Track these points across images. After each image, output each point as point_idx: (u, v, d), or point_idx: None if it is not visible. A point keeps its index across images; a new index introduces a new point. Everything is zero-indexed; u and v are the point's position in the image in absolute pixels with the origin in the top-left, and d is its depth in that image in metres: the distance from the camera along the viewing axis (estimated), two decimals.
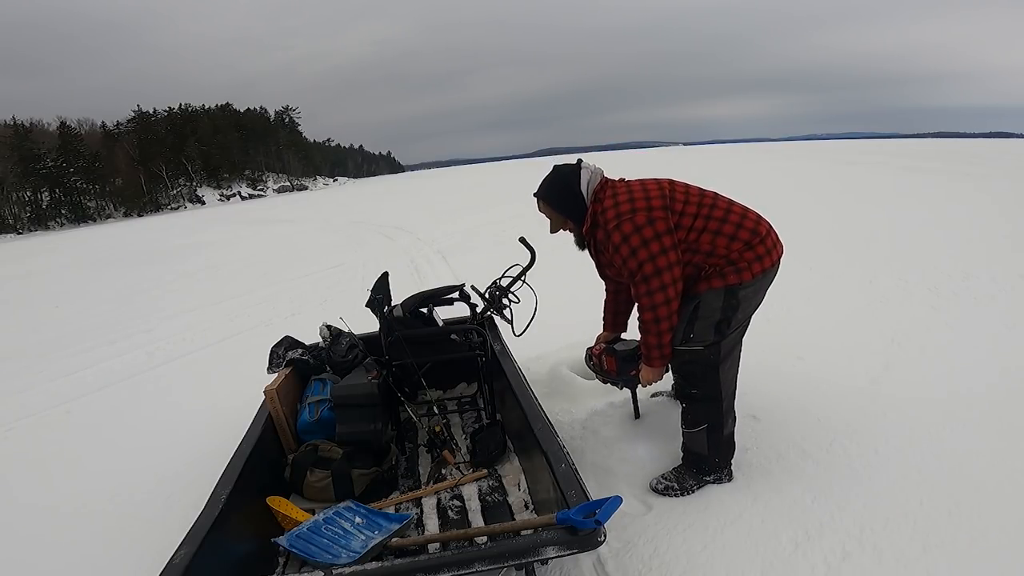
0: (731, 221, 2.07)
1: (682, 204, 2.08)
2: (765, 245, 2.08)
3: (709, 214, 2.07)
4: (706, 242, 2.06)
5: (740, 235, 2.07)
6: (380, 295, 2.79)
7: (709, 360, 2.12)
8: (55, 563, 2.38)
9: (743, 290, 2.06)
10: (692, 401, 2.20)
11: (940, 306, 3.95)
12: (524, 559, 1.50)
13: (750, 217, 2.12)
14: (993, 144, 22.51)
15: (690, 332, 2.10)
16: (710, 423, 2.17)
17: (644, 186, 2.12)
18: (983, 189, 9.20)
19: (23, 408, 4.34)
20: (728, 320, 2.08)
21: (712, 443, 2.18)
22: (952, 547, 1.81)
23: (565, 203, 2.20)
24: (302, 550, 1.88)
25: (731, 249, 2.05)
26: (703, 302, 2.07)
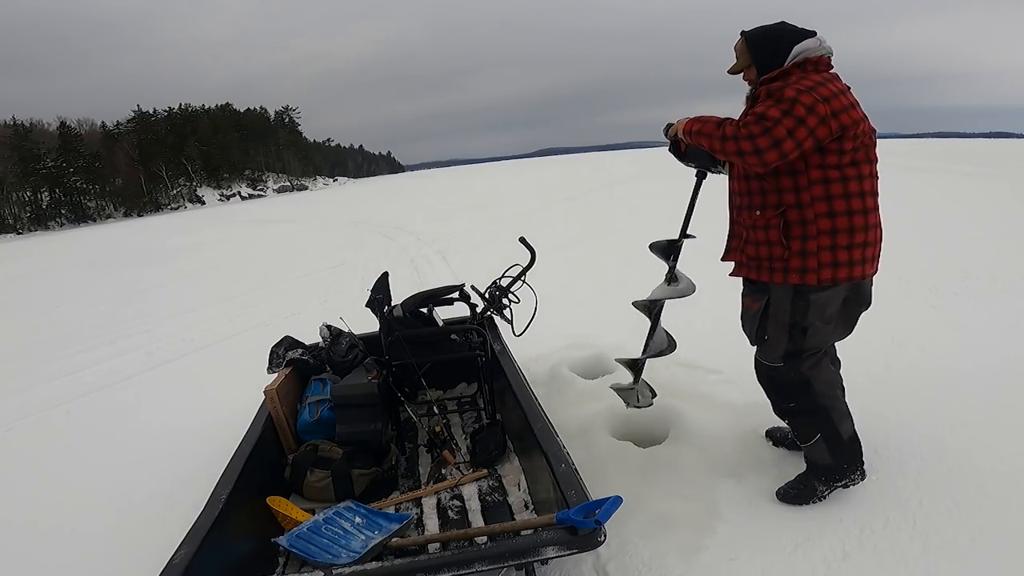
0: (850, 204, 1.79)
1: (853, 149, 1.77)
2: (851, 256, 1.81)
3: (849, 176, 1.78)
4: (814, 194, 1.78)
5: (838, 222, 1.79)
6: (380, 295, 2.79)
7: (792, 378, 1.97)
8: (55, 563, 2.38)
9: (812, 293, 1.85)
10: (794, 416, 2.05)
11: (940, 306, 3.95)
12: (524, 559, 1.50)
13: (868, 220, 1.82)
14: (993, 144, 22.51)
15: (763, 333, 1.96)
16: (823, 432, 2.00)
17: (852, 97, 1.80)
18: (983, 189, 9.20)
19: (23, 408, 4.34)
20: (802, 328, 1.89)
21: (834, 450, 2.00)
22: (952, 547, 1.81)
23: (763, 47, 1.89)
24: (302, 550, 1.88)
25: (817, 227, 1.79)
26: (772, 297, 1.92)
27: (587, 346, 3.58)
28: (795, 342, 1.93)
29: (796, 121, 1.68)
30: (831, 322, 1.93)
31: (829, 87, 1.75)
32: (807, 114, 1.68)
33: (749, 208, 1.93)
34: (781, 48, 1.86)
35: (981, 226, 6.28)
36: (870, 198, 1.85)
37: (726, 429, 2.55)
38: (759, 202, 1.90)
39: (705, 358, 3.25)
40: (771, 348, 1.98)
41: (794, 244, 1.83)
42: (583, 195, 15.27)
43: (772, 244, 1.87)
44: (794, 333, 1.91)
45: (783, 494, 2.10)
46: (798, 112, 1.68)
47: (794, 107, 1.69)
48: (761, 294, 1.95)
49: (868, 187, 1.84)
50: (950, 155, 15.26)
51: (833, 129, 1.72)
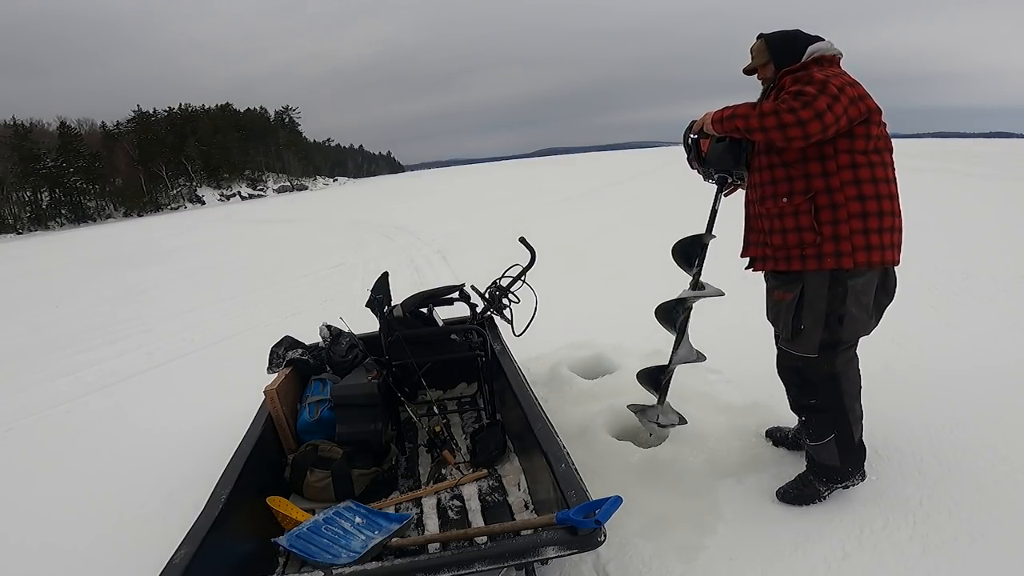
0: (878, 189, 1.83)
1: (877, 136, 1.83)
2: (882, 239, 1.84)
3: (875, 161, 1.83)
4: (843, 178, 1.81)
5: (868, 205, 1.82)
6: (380, 295, 2.79)
7: (824, 371, 1.94)
8: (55, 563, 2.38)
9: (850, 279, 1.85)
10: (813, 412, 2.00)
11: (940, 306, 3.95)
12: (524, 559, 1.50)
13: (893, 207, 1.87)
14: (993, 144, 22.51)
15: (799, 323, 1.91)
16: (838, 432, 1.97)
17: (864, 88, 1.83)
18: (983, 189, 9.19)
19: (23, 408, 4.34)
20: (839, 316, 1.87)
21: (844, 452, 1.99)
22: (952, 547, 1.81)
23: (781, 46, 1.96)
24: (302, 550, 1.88)
25: (847, 209, 1.81)
26: (808, 285, 1.88)
27: (587, 346, 3.58)
28: (832, 331, 1.89)
29: (832, 98, 1.70)
30: (867, 310, 1.92)
31: (848, 77, 1.82)
32: (839, 92, 1.72)
33: (775, 197, 1.92)
34: (797, 47, 1.94)
35: (981, 226, 6.28)
36: (894, 185, 1.90)
37: (726, 429, 2.55)
38: (786, 189, 1.89)
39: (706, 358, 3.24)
40: (806, 339, 1.93)
41: (826, 229, 1.83)
42: (583, 195, 15.28)
43: (803, 230, 1.85)
44: (831, 322, 1.89)
45: (784, 494, 2.09)
46: (831, 90, 1.71)
47: (826, 86, 1.72)
48: (794, 284, 1.92)
49: (892, 174, 1.90)
50: (950, 155, 15.25)
51: (861, 110, 1.76)
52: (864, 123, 1.80)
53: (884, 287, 1.97)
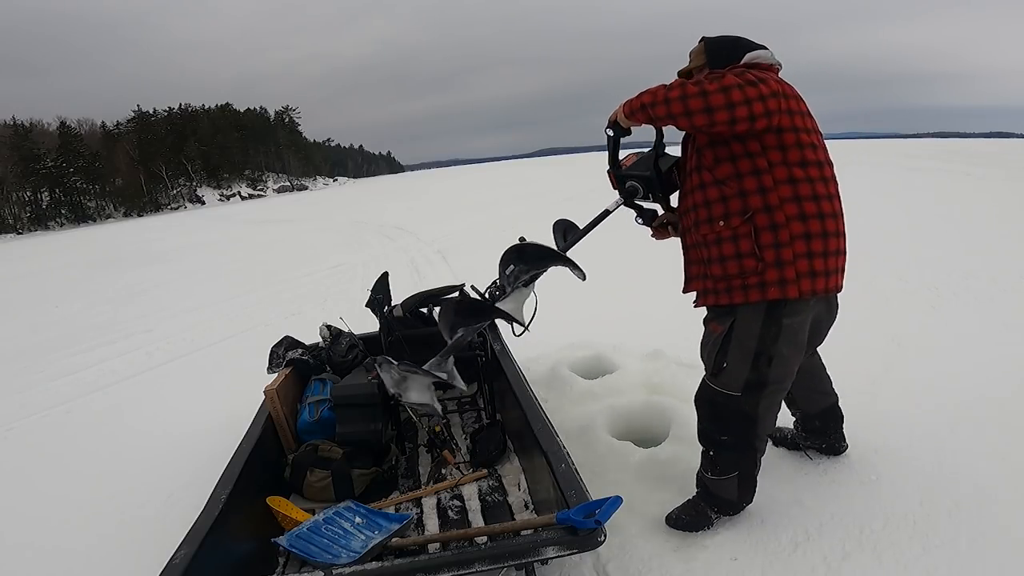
0: (821, 207, 1.67)
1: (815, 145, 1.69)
2: (827, 264, 1.68)
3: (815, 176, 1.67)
4: (781, 195, 1.64)
5: (811, 226, 1.66)
6: (380, 295, 2.79)
7: (743, 411, 1.81)
8: (55, 563, 2.38)
9: (787, 317, 1.69)
10: (720, 448, 1.89)
11: (940, 306, 3.94)
12: (524, 559, 1.50)
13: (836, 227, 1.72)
14: (993, 144, 22.51)
15: (723, 360, 1.77)
16: (741, 471, 1.90)
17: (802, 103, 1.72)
18: (983, 188, 9.19)
19: (23, 408, 4.34)
20: (768, 357, 1.72)
21: (743, 489, 1.93)
22: (952, 547, 1.81)
23: (718, 51, 1.82)
24: (302, 550, 1.88)
25: (789, 229, 1.64)
26: (739, 320, 1.73)
27: (587, 346, 3.58)
28: (759, 372, 1.75)
29: (747, 82, 1.56)
30: (800, 350, 1.79)
31: (784, 85, 1.69)
32: (758, 81, 1.58)
33: (710, 221, 1.75)
34: (736, 52, 1.80)
35: (981, 226, 6.28)
36: (837, 201, 1.75)
37: None
38: (721, 211, 1.72)
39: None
40: (730, 376, 1.79)
41: (768, 254, 1.66)
42: (584, 195, 15.28)
43: (743, 256, 1.68)
44: (759, 362, 1.74)
45: (675, 520, 2.02)
46: (748, 77, 1.58)
47: (744, 74, 1.60)
48: (727, 316, 1.77)
49: (834, 190, 1.74)
50: (949, 155, 15.25)
51: (782, 107, 1.61)
52: (795, 131, 1.66)
53: (828, 313, 1.87)
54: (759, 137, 1.65)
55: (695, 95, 1.56)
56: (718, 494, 1.95)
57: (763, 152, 1.66)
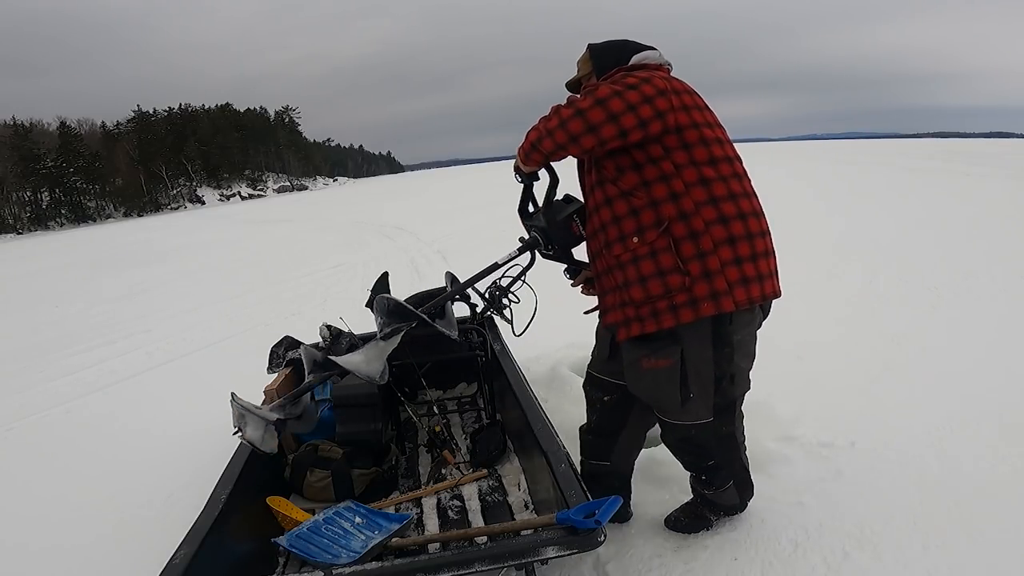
0: (739, 206, 1.53)
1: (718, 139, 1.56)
2: (757, 267, 1.53)
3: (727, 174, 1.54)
4: (696, 198, 1.49)
5: (733, 227, 1.51)
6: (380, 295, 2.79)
7: (722, 433, 1.73)
8: (55, 563, 2.38)
9: (736, 333, 1.56)
10: (711, 470, 1.83)
11: (940, 306, 3.95)
12: (524, 559, 1.50)
13: (758, 225, 1.57)
14: (993, 144, 22.50)
15: (687, 393, 1.61)
16: (736, 477, 1.88)
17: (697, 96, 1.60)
18: (983, 189, 9.20)
19: (23, 408, 4.33)
20: (731, 376, 1.61)
21: (743, 489, 1.92)
22: (952, 547, 1.81)
23: (604, 56, 1.69)
24: (302, 550, 1.88)
25: (710, 234, 1.49)
26: (688, 349, 1.56)
27: (587, 346, 3.56)
28: (724, 394, 1.62)
29: (626, 87, 1.46)
30: (752, 357, 1.68)
31: (673, 83, 1.57)
32: (640, 82, 1.47)
33: (622, 239, 1.57)
34: (623, 55, 1.67)
35: (981, 226, 6.29)
36: (755, 199, 1.61)
37: None
38: (633, 226, 1.55)
39: None
40: (697, 406, 1.63)
41: (693, 266, 1.49)
42: None
43: (666, 273, 1.51)
44: (722, 385, 1.61)
45: (673, 522, 1.99)
46: (628, 81, 1.47)
47: (624, 79, 1.49)
48: (671, 347, 1.57)
49: (749, 187, 1.61)
50: (949, 155, 15.25)
51: (674, 104, 1.49)
52: (697, 126, 1.54)
53: (759, 320, 1.70)
54: (659, 140, 1.52)
55: (572, 117, 1.45)
56: (720, 503, 1.93)
57: (667, 155, 1.52)
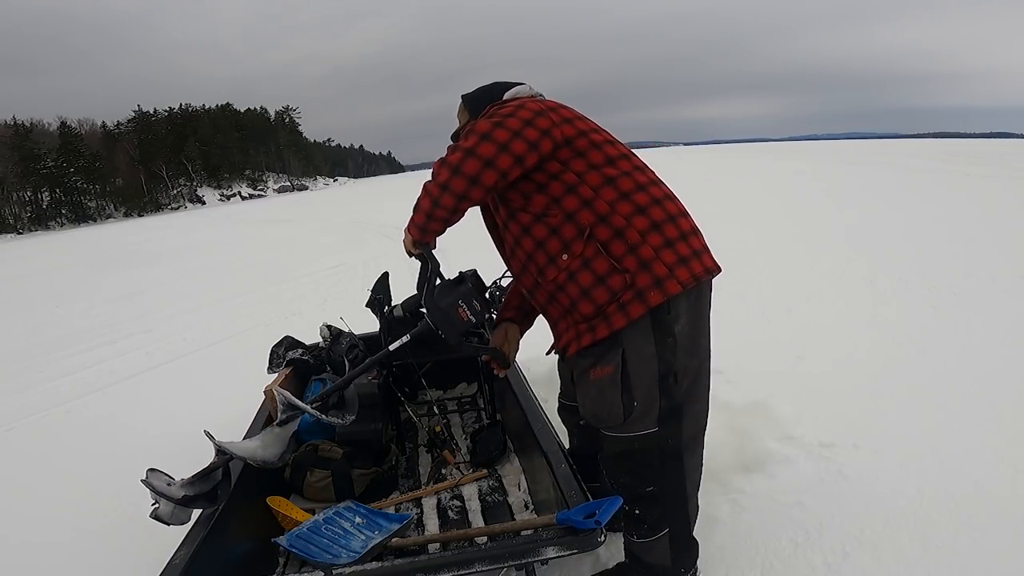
0: (651, 192, 1.51)
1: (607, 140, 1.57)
2: (689, 244, 1.48)
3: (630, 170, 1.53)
4: (606, 198, 1.47)
5: (653, 213, 1.47)
6: (380, 295, 2.79)
7: (668, 446, 1.53)
8: (55, 563, 2.38)
9: (676, 322, 1.45)
10: (647, 503, 1.57)
11: (941, 306, 3.95)
12: (524, 559, 1.50)
13: (680, 208, 1.56)
14: (993, 144, 22.50)
15: (631, 400, 1.49)
16: (673, 526, 1.59)
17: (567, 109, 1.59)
18: (983, 188, 9.20)
19: (23, 408, 4.33)
20: (674, 373, 1.48)
21: (677, 550, 1.62)
22: (952, 547, 1.81)
23: (477, 101, 1.70)
24: (302, 550, 1.88)
25: (632, 226, 1.44)
26: (628, 347, 1.46)
27: None
28: (670, 394, 1.49)
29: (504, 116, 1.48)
30: (699, 353, 1.54)
31: (540, 103, 1.56)
32: (515, 108, 1.49)
33: (552, 261, 1.52)
34: (495, 94, 1.68)
35: (981, 226, 6.28)
36: (664, 185, 1.59)
37: (726, 429, 2.55)
38: (558, 245, 1.50)
39: None
40: (643, 413, 1.50)
41: (628, 262, 1.44)
42: None
43: (605, 278, 1.45)
44: (666, 383, 1.48)
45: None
46: (504, 111, 1.49)
47: (498, 111, 1.51)
48: (612, 350, 1.49)
49: (653, 175, 1.59)
50: (949, 155, 15.25)
51: (554, 119, 1.50)
52: (582, 135, 1.53)
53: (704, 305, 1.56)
54: (553, 156, 1.51)
55: (463, 160, 1.45)
56: (649, 560, 1.63)
57: (566, 167, 1.50)
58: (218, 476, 1.84)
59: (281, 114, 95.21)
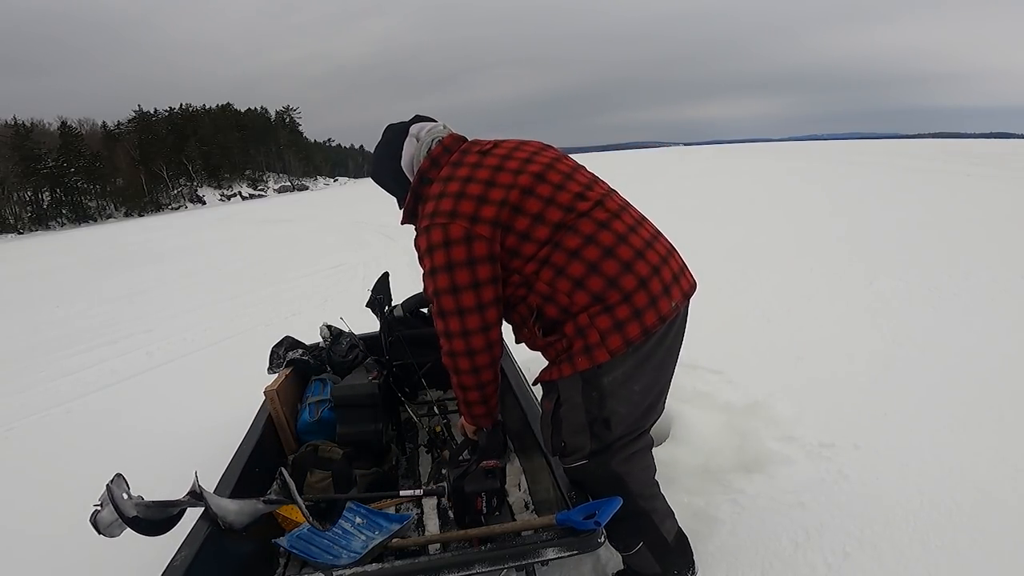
0: (585, 257, 1.42)
1: (535, 215, 1.45)
2: (633, 303, 1.42)
3: (561, 239, 1.44)
4: (545, 280, 1.45)
5: (590, 284, 1.42)
6: (380, 295, 2.79)
7: (601, 475, 1.58)
8: (55, 564, 2.38)
9: (606, 375, 1.45)
10: (613, 521, 1.55)
11: (941, 306, 3.94)
12: (524, 560, 1.50)
13: (622, 253, 1.44)
14: (993, 144, 22.49)
15: (560, 440, 1.57)
16: (646, 538, 1.65)
17: (485, 172, 1.48)
18: (984, 189, 9.19)
19: (23, 408, 4.34)
20: (604, 420, 1.50)
21: (661, 557, 1.67)
22: (952, 547, 1.81)
23: (387, 179, 1.66)
24: (303, 551, 1.88)
25: (574, 303, 1.43)
26: (563, 397, 1.52)
27: None
28: (598, 437, 1.53)
29: (464, 267, 1.44)
30: (641, 398, 1.53)
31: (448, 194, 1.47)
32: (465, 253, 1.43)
33: (518, 328, 1.63)
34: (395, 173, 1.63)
35: (981, 226, 6.28)
36: (624, 216, 1.50)
37: (726, 429, 2.55)
38: (519, 319, 1.58)
39: (705, 358, 3.25)
40: (573, 450, 1.58)
41: (568, 327, 1.46)
42: None
43: (552, 343, 1.52)
44: (595, 428, 1.52)
45: None
46: (455, 256, 1.43)
47: (449, 254, 1.44)
48: (552, 392, 1.58)
49: (612, 206, 1.50)
50: (949, 155, 15.25)
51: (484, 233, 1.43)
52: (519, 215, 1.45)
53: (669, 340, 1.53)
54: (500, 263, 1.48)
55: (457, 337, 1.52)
56: (640, 570, 1.71)
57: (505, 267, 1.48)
58: (174, 513, 1.78)
59: (281, 114, 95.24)
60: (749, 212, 8.93)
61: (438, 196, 1.48)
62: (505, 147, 1.56)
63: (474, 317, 1.48)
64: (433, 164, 1.56)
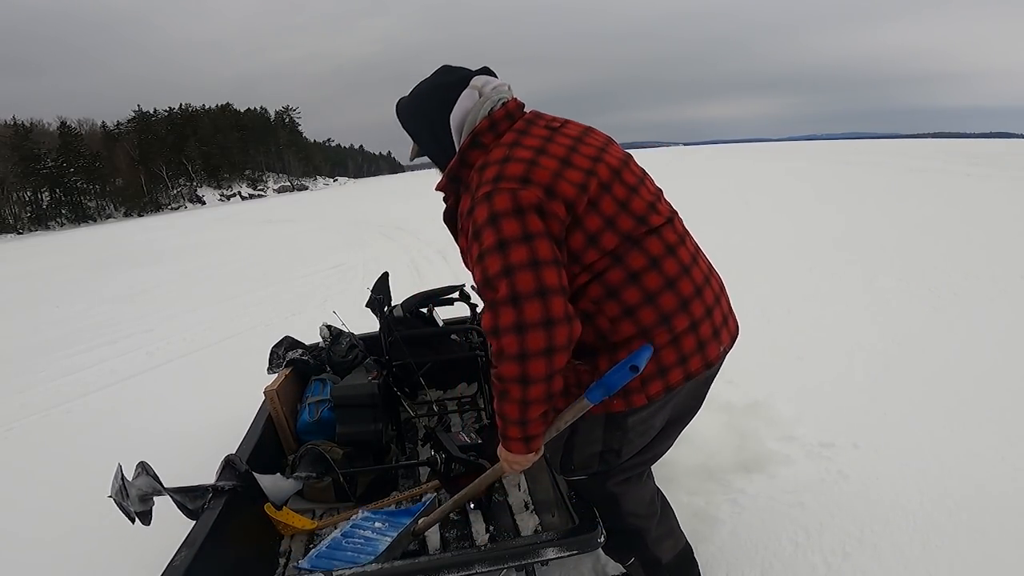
0: (645, 284, 1.25)
1: (608, 218, 1.25)
2: (680, 348, 1.28)
3: (624, 255, 1.25)
4: (592, 298, 1.26)
5: (641, 316, 1.25)
6: (380, 295, 2.79)
7: (597, 492, 1.52)
8: (55, 564, 2.38)
9: (633, 416, 1.33)
10: (608, 533, 1.55)
11: (941, 306, 3.94)
12: (525, 560, 1.50)
13: (683, 288, 1.27)
14: (993, 144, 22.50)
15: (569, 462, 1.46)
16: (637, 555, 1.58)
17: (559, 149, 1.25)
18: (983, 189, 9.19)
19: (24, 407, 4.34)
20: (616, 451, 1.41)
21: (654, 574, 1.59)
22: (952, 547, 1.81)
23: (421, 127, 1.40)
24: (327, 569, 1.84)
25: (616, 331, 1.26)
26: (582, 428, 1.39)
27: None
28: (608, 463, 1.44)
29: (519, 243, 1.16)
30: (658, 434, 1.44)
31: (517, 158, 1.23)
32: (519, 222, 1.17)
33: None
34: (438, 125, 1.34)
35: (981, 226, 6.28)
36: (682, 249, 1.32)
37: (726, 429, 2.55)
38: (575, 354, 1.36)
39: None
40: (577, 471, 1.50)
41: (601, 361, 1.29)
42: None
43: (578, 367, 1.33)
44: (606, 457, 1.43)
45: None
46: (506, 231, 1.16)
47: (499, 226, 1.17)
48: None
49: (671, 238, 1.30)
50: (949, 155, 15.25)
51: (562, 216, 1.20)
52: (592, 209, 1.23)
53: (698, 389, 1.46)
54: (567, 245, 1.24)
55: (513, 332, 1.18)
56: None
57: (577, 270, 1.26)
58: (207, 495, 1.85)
59: (281, 114, 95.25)
60: (748, 212, 8.93)
61: (502, 160, 1.23)
62: (574, 128, 1.34)
63: (558, 300, 1.17)
64: (492, 127, 1.30)
